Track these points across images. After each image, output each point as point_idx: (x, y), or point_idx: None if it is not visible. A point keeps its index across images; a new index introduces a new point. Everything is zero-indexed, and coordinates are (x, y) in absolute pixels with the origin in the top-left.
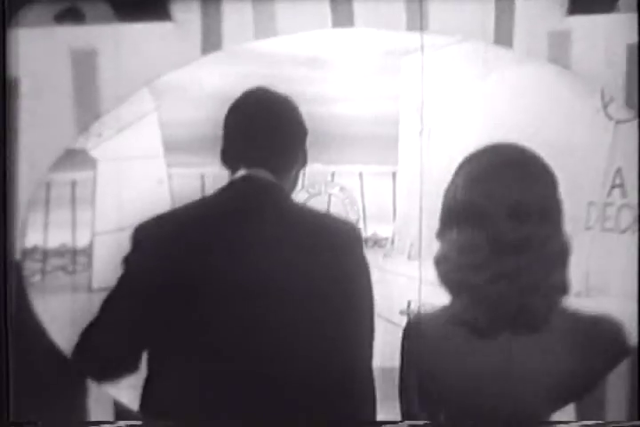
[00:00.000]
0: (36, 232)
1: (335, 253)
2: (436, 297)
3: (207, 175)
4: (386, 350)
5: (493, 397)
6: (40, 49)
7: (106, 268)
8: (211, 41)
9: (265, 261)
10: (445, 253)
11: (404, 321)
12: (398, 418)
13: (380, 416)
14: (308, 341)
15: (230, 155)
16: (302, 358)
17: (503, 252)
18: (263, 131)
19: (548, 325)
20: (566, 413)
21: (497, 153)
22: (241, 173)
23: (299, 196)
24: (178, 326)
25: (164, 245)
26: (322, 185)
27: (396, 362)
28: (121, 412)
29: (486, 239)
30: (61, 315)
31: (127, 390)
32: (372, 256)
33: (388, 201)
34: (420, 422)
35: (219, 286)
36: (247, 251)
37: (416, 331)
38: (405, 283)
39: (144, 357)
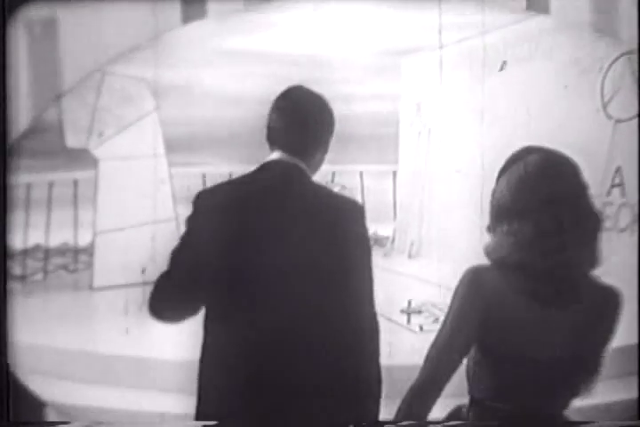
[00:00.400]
0: (37, 231)
1: (335, 225)
2: (436, 296)
3: (208, 174)
4: (386, 349)
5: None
6: None
7: (107, 266)
8: (193, 8)
9: (286, 230)
10: (498, 242)
11: (404, 320)
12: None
13: (381, 415)
14: (310, 303)
15: (270, 138)
16: (308, 314)
17: (547, 234)
18: (296, 124)
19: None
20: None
21: (534, 156)
22: (274, 155)
23: None
24: (228, 278)
25: (216, 211)
26: None
27: (398, 360)
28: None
29: (532, 227)
30: (63, 314)
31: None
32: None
33: (388, 200)
34: (423, 422)
35: (256, 246)
36: (275, 221)
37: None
38: (406, 282)
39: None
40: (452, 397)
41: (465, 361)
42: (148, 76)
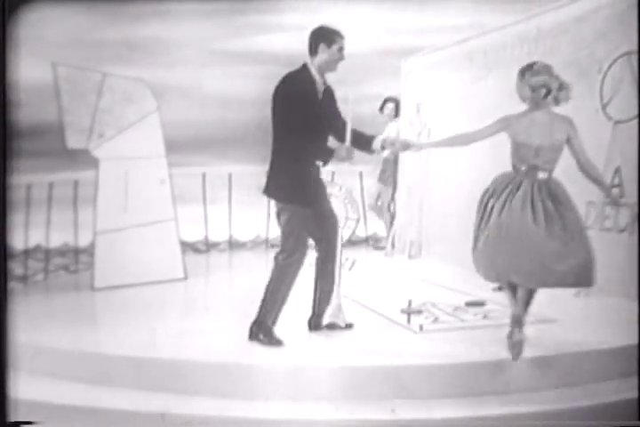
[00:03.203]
0: (38, 231)
1: None
2: (437, 296)
3: (208, 174)
4: (388, 349)
5: None
6: None
7: (108, 267)
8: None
9: None
10: None
11: (404, 320)
12: (402, 416)
13: (382, 415)
14: None
15: None
16: None
17: None
18: None
19: None
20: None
21: None
22: None
23: None
24: None
25: None
26: None
27: (399, 361)
28: None
29: None
30: (64, 314)
31: None
32: (372, 256)
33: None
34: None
35: None
36: None
37: None
38: (406, 282)
39: None
40: (454, 397)
41: None
42: (148, 77)
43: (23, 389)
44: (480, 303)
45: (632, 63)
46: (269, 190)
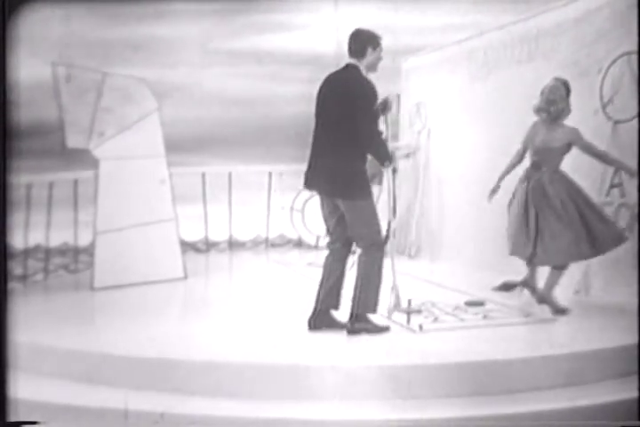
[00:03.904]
0: (38, 231)
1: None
2: (436, 296)
3: (208, 174)
4: (388, 349)
5: None
6: None
7: (108, 266)
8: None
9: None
10: None
11: (404, 319)
12: (404, 416)
13: (382, 414)
14: None
15: None
16: None
17: None
18: None
19: None
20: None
21: None
22: None
23: (300, 196)
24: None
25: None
26: None
27: (399, 360)
28: None
29: None
30: (64, 313)
31: None
32: None
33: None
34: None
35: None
36: None
37: None
38: (405, 282)
39: None
40: (454, 397)
41: None
42: (148, 76)
43: (23, 389)
44: (479, 303)
45: (632, 63)
46: (343, 191)
